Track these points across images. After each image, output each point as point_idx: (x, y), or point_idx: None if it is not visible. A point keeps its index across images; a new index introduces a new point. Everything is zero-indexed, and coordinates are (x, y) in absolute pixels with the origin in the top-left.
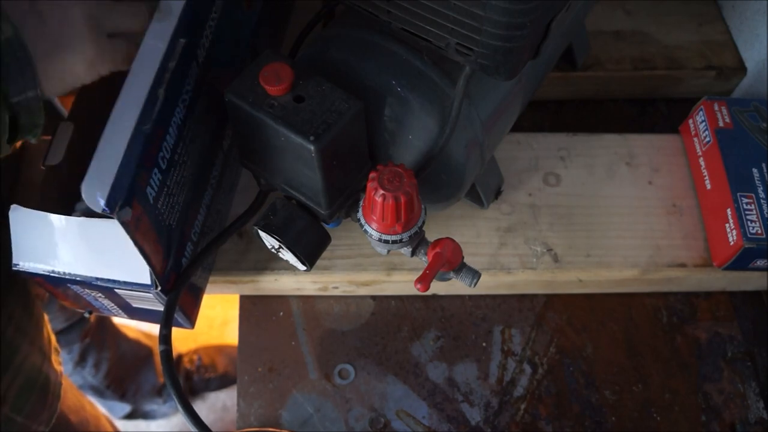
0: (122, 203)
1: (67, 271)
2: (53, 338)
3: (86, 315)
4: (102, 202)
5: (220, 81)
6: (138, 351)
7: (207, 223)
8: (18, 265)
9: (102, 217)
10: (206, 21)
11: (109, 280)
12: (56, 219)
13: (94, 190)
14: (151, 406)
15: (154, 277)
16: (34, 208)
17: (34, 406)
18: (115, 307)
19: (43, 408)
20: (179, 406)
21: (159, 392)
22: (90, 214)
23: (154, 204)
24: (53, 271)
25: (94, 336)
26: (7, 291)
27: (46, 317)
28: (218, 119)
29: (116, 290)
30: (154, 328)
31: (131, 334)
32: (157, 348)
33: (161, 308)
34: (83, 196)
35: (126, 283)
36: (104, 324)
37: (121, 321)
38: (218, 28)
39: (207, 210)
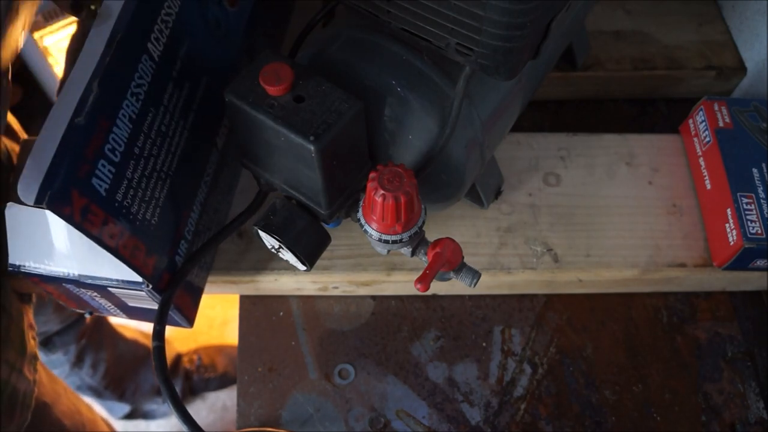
0: (54, 195)
1: (60, 270)
2: (32, 344)
3: (86, 315)
4: (33, 196)
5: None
6: (136, 351)
7: (202, 221)
8: (15, 265)
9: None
10: (156, 16)
11: (101, 278)
12: (52, 214)
13: (27, 185)
14: (150, 406)
15: (137, 272)
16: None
17: (1, 418)
18: (113, 306)
19: (11, 419)
20: (168, 401)
21: (158, 392)
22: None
23: (108, 197)
24: (48, 271)
25: (90, 337)
26: None
27: (26, 322)
28: (204, 116)
29: (109, 289)
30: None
31: (129, 334)
32: None
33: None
34: (18, 192)
35: (118, 281)
36: (101, 324)
37: (119, 321)
38: (183, 25)
39: (201, 208)
